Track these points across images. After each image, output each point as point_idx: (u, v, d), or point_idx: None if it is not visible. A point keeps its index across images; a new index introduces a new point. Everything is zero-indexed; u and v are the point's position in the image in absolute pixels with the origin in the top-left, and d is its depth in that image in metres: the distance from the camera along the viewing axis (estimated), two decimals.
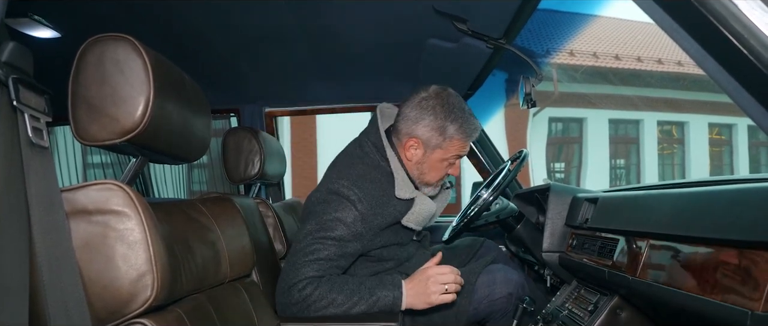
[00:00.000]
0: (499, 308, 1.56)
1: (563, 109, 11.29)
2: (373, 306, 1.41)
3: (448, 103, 1.51)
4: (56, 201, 0.72)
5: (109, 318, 0.77)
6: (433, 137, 1.51)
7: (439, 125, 1.50)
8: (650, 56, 11.19)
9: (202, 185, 5.28)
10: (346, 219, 1.42)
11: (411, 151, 1.54)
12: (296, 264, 1.40)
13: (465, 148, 1.57)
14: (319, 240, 1.41)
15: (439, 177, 1.59)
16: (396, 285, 1.43)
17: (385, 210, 1.48)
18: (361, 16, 1.63)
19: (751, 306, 0.78)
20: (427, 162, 1.55)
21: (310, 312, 1.38)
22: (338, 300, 1.38)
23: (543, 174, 11.12)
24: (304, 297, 1.36)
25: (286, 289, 1.39)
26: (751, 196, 0.86)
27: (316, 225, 1.43)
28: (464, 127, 1.52)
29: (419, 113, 1.51)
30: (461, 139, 1.53)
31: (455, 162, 1.58)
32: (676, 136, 12.52)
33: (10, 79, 0.68)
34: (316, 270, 1.39)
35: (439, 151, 1.53)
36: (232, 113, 2.64)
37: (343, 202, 1.43)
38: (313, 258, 1.40)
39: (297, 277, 1.38)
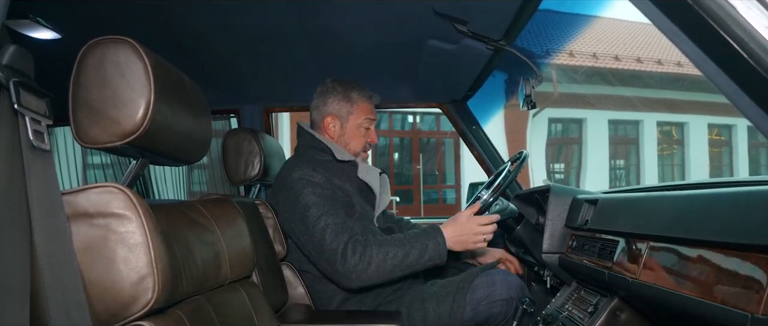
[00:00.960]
0: (499, 311, 1.56)
1: (563, 110, 11.30)
2: (424, 253, 1.56)
3: (342, 81, 1.79)
4: (57, 204, 0.73)
5: (110, 321, 0.77)
6: (342, 107, 1.77)
7: (343, 96, 1.76)
8: (650, 57, 11.19)
9: (202, 186, 5.28)
10: (316, 191, 1.58)
11: (330, 128, 1.77)
12: (325, 242, 1.53)
13: (372, 111, 1.80)
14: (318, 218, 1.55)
15: (362, 144, 1.80)
16: (437, 231, 1.59)
17: (335, 173, 1.68)
18: (361, 17, 1.63)
19: (751, 309, 0.78)
20: (346, 132, 1.78)
21: (371, 270, 1.51)
22: (391, 253, 1.53)
23: (543, 175, 11.13)
24: (359, 258, 1.51)
25: (339, 261, 1.51)
26: (752, 199, 0.86)
27: (301, 211, 1.58)
28: (363, 91, 1.78)
29: (324, 97, 1.78)
30: (365, 100, 1.78)
31: (370, 127, 1.81)
32: (675, 137, 12.53)
33: (11, 82, 0.68)
34: (343, 232, 1.53)
35: (352, 118, 1.77)
36: (232, 114, 2.64)
37: (302, 181, 1.60)
38: (331, 228, 1.53)
39: (339, 246, 1.51)
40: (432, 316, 1.56)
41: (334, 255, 1.52)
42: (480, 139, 2.48)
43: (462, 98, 2.42)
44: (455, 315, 1.55)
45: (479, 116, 2.52)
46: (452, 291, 1.58)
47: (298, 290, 1.72)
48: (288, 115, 8.85)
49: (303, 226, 1.57)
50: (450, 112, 2.48)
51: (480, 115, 2.53)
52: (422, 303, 1.59)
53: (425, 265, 1.57)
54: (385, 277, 1.54)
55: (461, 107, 2.47)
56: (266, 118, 2.55)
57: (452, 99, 2.43)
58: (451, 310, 1.55)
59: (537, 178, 10.45)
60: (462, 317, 1.55)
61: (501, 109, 9.95)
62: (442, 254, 1.57)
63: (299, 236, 1.60)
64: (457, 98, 2.42)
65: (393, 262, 1.52)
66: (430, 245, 1.56)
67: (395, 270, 1.54)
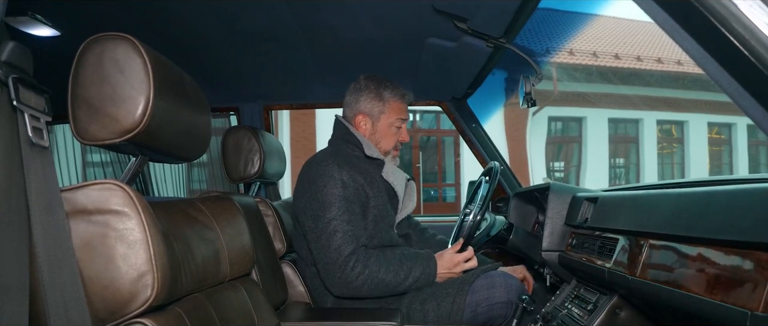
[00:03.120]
0: (498, 314, 1.56)
1: (563, 108, 11.30)
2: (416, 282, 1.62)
3: (376, 78, 1.78)
4: (56, 201, 0.72)
5: (109, 318, 0.77)
6: (374, 106, 1.76)
7: (375, 95, 1.76)
8: (650, 55, 11.19)
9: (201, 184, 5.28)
10: (336, 191, 1.59)
11: (361, 126, 1.78)
12: (330, 247, 1.55)
13: (404, 111, 1.80)
14: (331, 220, 1.57)
15: (393, 143, 1.80)
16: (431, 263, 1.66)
17: (361, 171, 1.68)
18: (361, 14, 1.63)
19: (751, 306, 0.78)
20: (377, 131, 1.78)
21: (364, 289, 1.56)
22: (389, 278, 1.58)
23: (542, 173, 11.13)
24: (358, 274, 1.54)
25: (337, 272, 1.55)
26: (751, 197, 0.86)
27: (317, 207, 1.58)
28: (397, 90, 1.78)
29: (356, 95, 1.78)
30: (398, 99, 1.78)
31: (402, 126, 1.81)
32: (675, 135, 12.53)
33: (10, 78, 0.68)
34: (350, 242, 1.55)
35: (383, 117, 1.77)
36: (232, 111, 2.64)
37: (325, 178, 1.61)
38: (340, 235, 1.55)
39: (340, 257, 1.54)
40: (431, 317, 1.56)
41: (334, 264, 1.54)
42: (480, 137, 2.48)
43: (462, 96, 2.42)
44: (455, 316, 1.55)
45: (479, 114, 2.52)
46: (452, 292, 1.58)
47: (298, 288, 1.72)
48: (288, 112, 8.84)
49: (314, 223, 1.58)
50: (450, 109, 2.48)
51: (480, 113, 2.53)
52: (422, 303, 1.59)
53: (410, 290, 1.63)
54: (372, 295, 1.60)
55: (461, 105, 2.47)
56: (266, 115, 2.55)
57: (452, 97, 2.43)
58: (450, 311, 1.55)
59: (537, 177, 10.46)
60: (461, 318, 1.55)
61: (501, 107, 9.95)
62: (429, 282, 1.66)
63: (308, 230, 1.61)
64: (457, 96, 2.42)
65: (386, 288, 1.59)
66: (422, 278, 1.63)
67: (385, 292, 1.60)
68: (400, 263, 1.61)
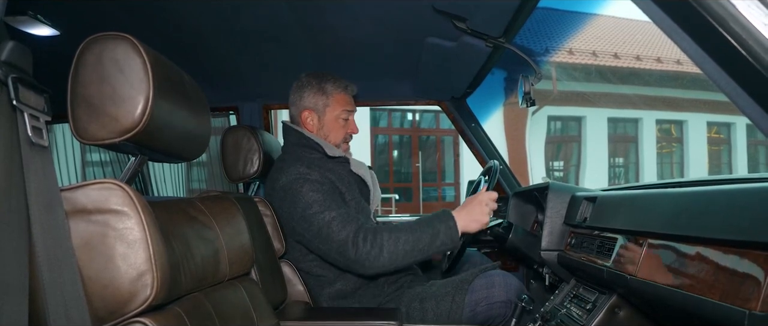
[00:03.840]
0: (498, 313, 1.56)
1: (562, 108, 11.30)
2: (436, 238, 1.54)
3: (317, 74, 1.78)
4: (56, 200, 0.72)
5: (109, 318, 0.77)
6: (318, 100, 1.76)
7: (318, 89, 1.76)
8: (649, 55, 11.20)
9: (201, 183, 5.28)
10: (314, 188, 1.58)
11: (308, 122, 1.78)
12: (332, 234, 1.53)
13: (349, 102, 1.80)
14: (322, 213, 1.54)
15: (342, 135, 1.80)
16: (447, 215, 1.58)
17: (329, 170, 1.67)
18: (361, 14, 1.63)
19: (749, 306, 0.78)
20: (324, 125, 1.78)
21: (384, 256, 1.50)
22: (402, 238, 1.52)
23: (542, 172, 11.14)
24: (371, 245, 1.50)
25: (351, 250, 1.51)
26: (750, 196, 0.86)
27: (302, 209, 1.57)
28: (339, 82, 1.78)
29: (299, 92, 1.78)
30: (341, 91, 1.78)
31: (349, 118, 1.81)
32: (674, 135, 12.54)
33: (9, 78, 0.68)
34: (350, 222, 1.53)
35: (329, 110, 1.77)
36: (232, 111, 2.64)
37: (299, 181, 1.59)
38: (337, 220, 1.53)
39: (349, 236, 1.51)
40: (430, 316, 1.56)
41: (345, 244, 1.51)
42: (479, 136, 2.48)
43: (461, 96, 2.42)
44: (454, 315, 1.55)
45: (478, 114, 2.52)
46: (451, 291, 1.58)
47: (297, 287, 1.72)
48: (288, 112, 8.83)
49: (306, 224, 1.57)
50: (449, 109, 2.48)
51: (479, 113, 2.53)
52: (421, 302, 1.59)
53: (438, 249, 1.55)
54: (398, 263, 1.52)
55: (460, 105, 2.47)
56: (266, 115, 2.55)
57: (451, 96, 2.43)
58: (449, 310, 1.55)
59: (536, 176, 10.47)
60: (461, 317, 1.55)
61: (500, 106, 9.95)
62: (454, 237, 1.56)
63: (303, 234, 1.60)
64: (457, 96, 2.42)
65: (405, 247, 1.51)
66: (441, 229, 1.55)
67: (408, 255, 1.52)
68: (413, 223, 1.57)
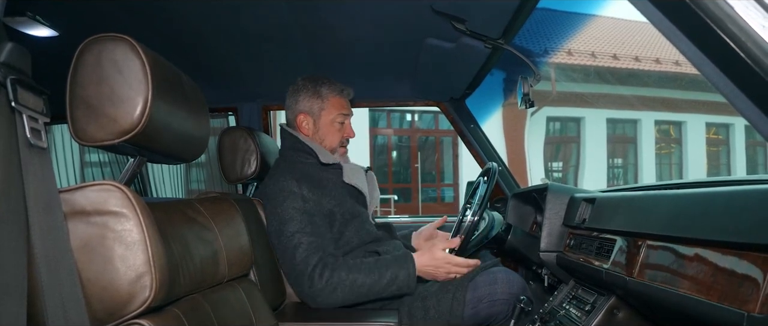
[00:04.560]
0: (500, 310, 1.56)
1: (561, 109, 11.31)
2: (393, 282, 1.56)
3: (312, 77, 1.78)
4: (54, 202, 0.72)
5: (108, 319, 0.77)
6: (313, 104, 1.76)
7: (312, 93, 1.76)
8: (648, 56, 11.21)
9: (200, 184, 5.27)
10: (296, 205, 1.58)
11: (303, 126, 1.77)
12: (295, 260, 1.53)
13: (345, 106, 1.79)
14: (293, 234, 1.55)
15: (338, 139, 1.79)
16: (410, 261, 1.59)
17: (319, 182, 1.66)
18: (360, 15, 1.63)
19: (747, 307, 0.79)
20: (320, 129, 1.77)
21: (337, 295, 1.53)
22: (359, 280, 1.53)
23: (541, 173, 11.14)
24: (326, 282, 1.51)
25: (306, 283, 1.52)
26: (749, 198, 0.86)
27: (278, 223, 1.58)
28: (334, 85, 1.77)
29: (295, 96, 1.78)
30: (336, 94, 1.77)
31: (344, 121, 1.80)
32: (673, 136, 12.55)
33: (8, 80, 0.68)
34: (315, 252, 1.53)
35: (324, 114, 1.76)
36: (230, 112, 2.64)
37: (284, 193, 1.59)
38: (304, 247, 1.54)
39: (307, 268, 1.52)
40: (432, 314, 1.56)
41: (303, 276, 1.53)
42: (478, 137, 2.48)
43: (460, 96, 2.42)
44: (455, 312, 1.55)
45: (477, 114, 2.52)
46: (452, 288, 1.58)
47: None
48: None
49: (277, 240, 1.59)
50: (448, 110, 2.48)
51: (478, 114, 2.53)
52: (423, 300, 1.59)
53: (393, 293, 1.58)
54: (350, 302, 1.56)
55: (459, 105, 2.47)
56: (265, 115, 2.55)
57: (450, 97, 2.43)
58: (451, 308, 1.55)
59: (535, 177, 10.47)
60: (462, 315, 1.55)
61: (499, 107, 9.95)
62: (411, 284, 1.59)
63: (275, 246, 1.61)
64: (456, 96, 2.42)
65: (360, 290, 1.54)
66: (400, 275, 1.57)
67: (361, 297, 1.55)
68: (374, 264, 1.58)
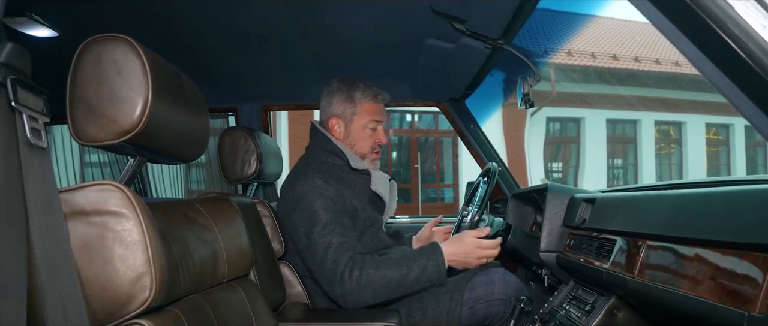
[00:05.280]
0: (497, 311, 1.56)
1: (561, 109, 11.31)
2: (422, 274, 1.54)
3: (348, 80, 1.75)
4: (54, 202, 0.72)
5: (107, 319, 0.77)
6: (346, 109, 1.73)
7: (346, 97, 1.73)
8: (648, 56, 11.22)
9: (200, 184, 5.27)
10: (325, 205, 1.56)
11: (335, 129, 1.75)
12: (326, 260, 1.53)
13: (378, 112, 1.76)
14: (324, 235, 1.53)
15: (369, 145, 1.76)
16: (436, 250, 1.58)
17: (347, 184, 1.66)
18: (359, 15, 1.63)
19: (748, 307, 0.79)
20: (351, 134, 1.75)
21: (367, 292, 1.52)
22: (389, 275, 1.52)
23: (540, 174, 11.14)
24: (356, 281, 1.50)
25: (337, 283, 1.51)
26: (749, 198, 0.86)
27: (308, 224, 1.56)
28: (367, 90, 1.74)
29: (328, 98, 1.75)
30: (369, 100, 1.74)
31: (377, 128, 1.77)
32: (673, 136, 12.55)
33: (8, 79, 0.68)
34: (345, 252, 1.52)
35: (356, 119, 1.74)
36: (230, 112, 2.64)
37: (313, 194, 1.58)
38: (334, 247, 1.53)
39: (338, 268, 1.51)
40: (430, 314, 1.57)
41: (334, 276, 1.52)
42: (478, 138, 2.48)
43: (460, 97, 2.42)
44: (453, 312, 1.55)
45: (477, 115, 2.52)
46: (451, 288, 1.59)
47: (296, 288, 1.72)
48: (286, 113, 8.84)
49: (307, 240, 1.57)
50: (448, 110, 2.48)
51: (478, 114, 2.53)
52: (421, 300, 1.59)
53: (423, 286, 1.56)
54: (382, 299, 1.54)
55: (459, 106, 2.47)
56: (264, 116, 2.55)
57: (450, 98, 2.44)
58: (449, 307, 1.55)
59: (535, 177, 10.47)
60: (460, 315, 1.55)
61: (499, 108, 9.96)
62: (441, 275, 1.57)
63: (302, 248, 1.60)
64: (456, 97, 2.42)
65: (390, 286, 1.53)
66: (429, 266, 1.55)
67: (392, 293, 1.54)
68: (402, 258, 1.57)
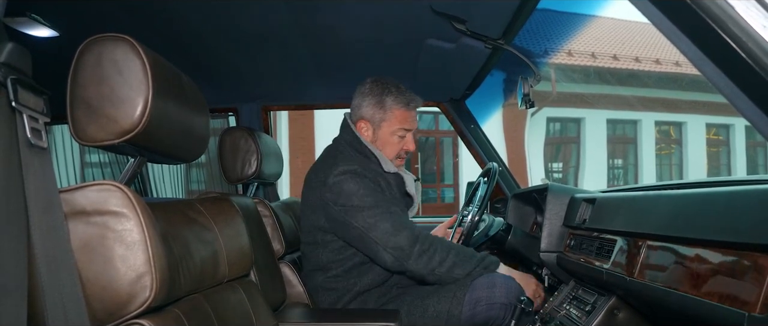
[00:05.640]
0: (497, 315, 1.55)
1: (561, 109, 11.31)
2: (482, 261, 1.61)
3: (381, 82, 1.71)
4: (55, 202, 0.72)
5: (108, 319, 0.77)
6: (375, 113, 1.70)
7: (377, 101, 1.70)
8: (648, 57, 11.21)
9: (200, 184, 5.27)
10: (369, 186, 1.58)
11: (363, 131, 1.72)
12: (388, 240, 1.55)
13: (408, 119, 1.73)
14: (376, 207, 1.56)
15: (395, 152, 1.74)
16: (494, 262, 1.65)
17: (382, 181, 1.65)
18: (360, 15, 1.63)
19: (748, 308, 0.78)
20: (379, 138, 1.72)
21: (429, 269, 1.56)
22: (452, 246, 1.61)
23: (541, 174, 11.14)
24: (428, 259, 1.56)
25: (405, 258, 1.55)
26: (749, 198, 0.86)
27: (358, 201, 1.57)
28: (400, 97, 1.70)
29: (360, 98, 1.72)
30: (400, 107, 1.71)
31: (406, 135, 1.74)
32: (673, 136, 12.55)
33: (8, 79, 0.68)
34: (407, 230, 1.55)
35: (385, 125, 1.71)
36: (231, 112, 2.64)
37: (366, 188, 1.58)
38: (393, 222, 1.55)
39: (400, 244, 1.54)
40: (431, 313, 1.57)
41: (401, 250, 1.55)
42: (478, 138, 2.48)
43: (460, 97, 2.42)
44: (453, 311, 1.55)
45: (477, 115, 2.52)
46: (453, 287, 1.59)
47: (297, 288, 1.72)
48: (286, 113, 8.84)
49: (360, 215, 1.57)
50: (448, 110, 2.48)
51: (478, 114, 2.53)
52: (423, 300, 1.60)
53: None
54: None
55: (460, 106, 2.47)
56: (265, 116, 2.55)
57: (451, 98, 2.44)
58: (449, 307, 1.55)
59: (535, 177, 10.47)
60: (460, 315, 1.55)
61: (499, 108, 9.95)
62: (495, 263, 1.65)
63: (351, 231, 1.60)
64: (456, 97, 2.42)
65: (451, 273, 1.58)
66: (486, 258, 1.63)
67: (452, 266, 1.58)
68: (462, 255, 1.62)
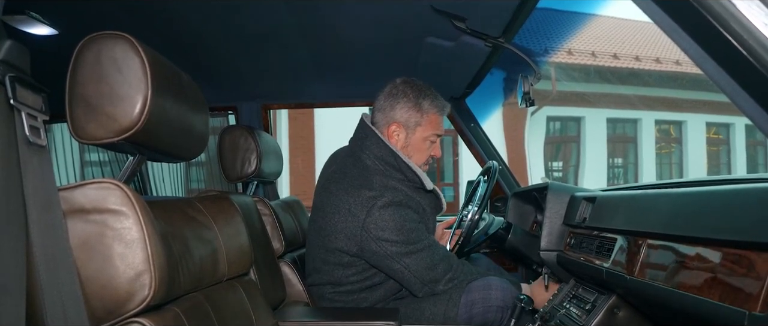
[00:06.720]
0: (494, 318, 1.55)
1: (561, 108, 11.30)
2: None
3: (416, 85, 1.64)
4: (53, 200, 0.72)
5: (107, 318, 0.77)
6: (411, 116, 1.62)
7: (413, 103, 1.61)
8: (648, 55, 11.21)
9: (200, 183, 5.27)
10: (412, 219, 1.53)
11: (394, 137, 1.62)
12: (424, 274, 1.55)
13: (441, 125, 1.68)
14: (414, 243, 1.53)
15: (425, 158, 1.67)
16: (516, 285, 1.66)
17: (422, 206, 1.61)
18: (360, 14, 1.62)
19: (748, 306, 0.78)
20: (410, 144, 1.64)
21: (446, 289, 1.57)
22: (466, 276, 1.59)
23: (541, 172, 11.14)
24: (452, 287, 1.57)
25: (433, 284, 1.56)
26: (749, 197, 0.86)
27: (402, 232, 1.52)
28: (436, 101, 1.64)
29: (393, 100, 1.62)
30: (436, 112, 1.64)
31: (436, 140, 1.68)
32: (673, 135, 12.54)
33: (7, 77, 0.68)
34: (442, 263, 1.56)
35: (419, 129, 1.63)
36: (230, 111, 2.64)
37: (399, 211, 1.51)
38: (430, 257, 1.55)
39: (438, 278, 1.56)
40: (427, 315, 1.57)
41: (435, 283, 1.56)
42: (478, 136, 2.48)
43: (460, 96, 2.42)
44: (449, 313, 1.55)
45: (477, 114, 2.52)
46: (449, 289, 1.58)
47: (296, 287, 1.72)
48: (286, 112, 8.84)
49: (404, 259, 1.52)
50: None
51: (478, 113, 2.53)
52: (419, 303, 1.59)
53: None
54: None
55: (460, 105, 2.47)
56: (264, 114, 2.55)
57: (451, 96, 2.43)
58: (445, 309, 1.55)
59: (535, 176, 10.47)
60: (456, 317, 1.54)
61: (499, 106, 9.94)
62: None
63: (388, 263, 1.54)
64: (456, 96, 2.42)
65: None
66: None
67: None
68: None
